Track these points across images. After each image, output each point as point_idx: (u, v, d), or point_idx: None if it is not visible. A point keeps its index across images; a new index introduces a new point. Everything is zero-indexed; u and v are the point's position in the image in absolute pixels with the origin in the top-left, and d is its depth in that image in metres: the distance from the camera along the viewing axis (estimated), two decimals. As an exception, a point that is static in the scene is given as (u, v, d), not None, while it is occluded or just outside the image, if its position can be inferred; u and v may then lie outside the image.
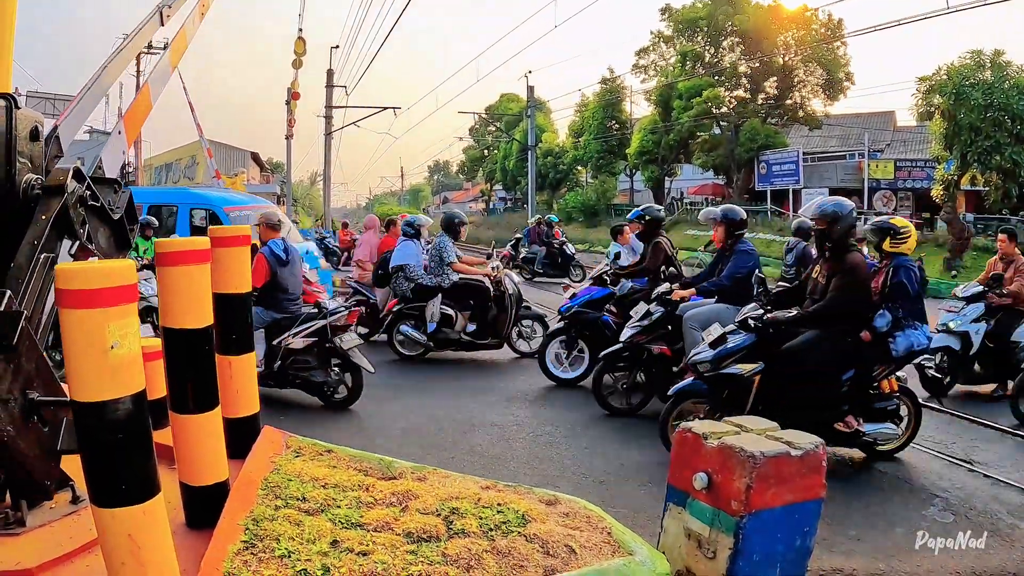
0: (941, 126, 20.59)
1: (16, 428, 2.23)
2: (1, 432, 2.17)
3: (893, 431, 5.02)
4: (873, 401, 5.00)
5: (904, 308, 4.92)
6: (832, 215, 4.91)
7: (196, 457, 2.62)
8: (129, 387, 1.83)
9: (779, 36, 32.40)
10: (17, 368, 2.21)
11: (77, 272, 1.78)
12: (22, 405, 2.24)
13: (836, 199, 5.21)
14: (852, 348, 4.87)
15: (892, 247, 5.14)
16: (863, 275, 4.90)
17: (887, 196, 31.82)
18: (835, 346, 4.83)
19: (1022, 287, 7.02)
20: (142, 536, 1.87)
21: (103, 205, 2.79)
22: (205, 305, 2.59)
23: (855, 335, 4.87)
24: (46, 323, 2.60)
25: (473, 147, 56.83)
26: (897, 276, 4.97)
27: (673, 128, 33.85)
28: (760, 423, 3.21)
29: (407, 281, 8.32)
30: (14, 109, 2.53)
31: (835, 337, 4.84)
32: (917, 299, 5.06)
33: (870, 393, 5.00)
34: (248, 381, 3.18)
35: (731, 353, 4.94)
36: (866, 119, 35.56)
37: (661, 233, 7.28)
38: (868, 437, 4.99)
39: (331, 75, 25.87)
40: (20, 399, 2.24)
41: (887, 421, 5.02)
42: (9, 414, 2.20)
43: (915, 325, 4.92)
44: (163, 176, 37.66)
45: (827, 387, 4.87)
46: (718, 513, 2.85)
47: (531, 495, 3.04)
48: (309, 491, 2.83)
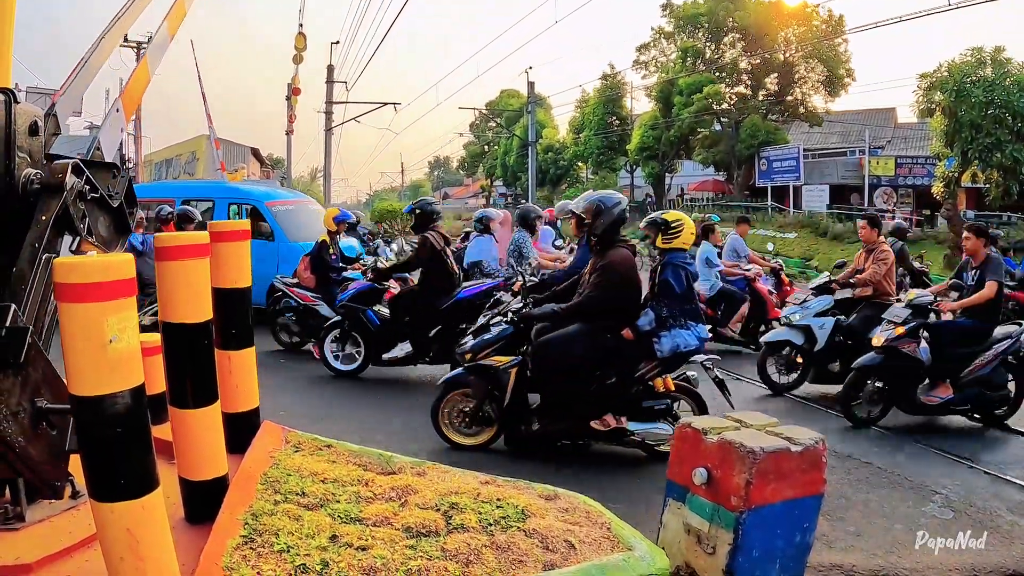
0: (942, 123, 20.58)
1: (27, 437, 2.24)
2: (14, 443, 2.18)
3: (665, 431, 4.79)
4: (642, 400, 4.84)
5: (671, 307, 4.70)
6: (595, 208, 4.81)
7: (195, 452, 2.62)
8: (128, 381, 1.82)
9: (780, 32, 32.41)
10: (25, 380, 2.22)
11: (75, 266, 1.77)
12: (31, 414, 2.25)
13: (605, 192, 5.10)
14: (612, 345, 4.71)
15: (664, 243, 4.88)
16: (621, 271, 4.72)
17: (888, 193, 31.82)
18: (594, 342, 4.69)
19: (874, 274, 6.66)
20: (141, 531, 1.87)
21: (102, 195, 2.78)
22: (204, 300, 2.58)
23: (616, 332, 4.72)
24: (49, 324, 2.60)
25: (473, 143, 56.72)
26: (664, 274, 4.76)
27: (674, 124, 33.80)
28: (760, 418, 3.21)
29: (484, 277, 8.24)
30: (13, 104, 2.52)
31: (594, 333, 4.71)
32: (686, 298, 4.77)
33: (637, 392, 4.83)
34: (247, 376, 3.18)
35: (488, 344, 4.93)
36: (867, 115, 35.54)
37: (433, 227, 7.06)
38: (636, 436, 4.82)
39: (331, 71, 25.82)
40: (29, 408, 2.24)
41: (658, 421, 4.84)
42: (20, 425, 2.21)
43: (687, 325, 4.72)
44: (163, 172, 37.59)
45: (582, 383, 4.73)
46: (718, 509, 2.85)
47: (530, 490, 3.04)
48: (308, 486, 2.83)
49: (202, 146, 32.88)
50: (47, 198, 2.49)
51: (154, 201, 10.20)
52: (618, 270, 4.72)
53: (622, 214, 4.86)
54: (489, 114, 48.12)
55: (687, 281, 4.77)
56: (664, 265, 4.81)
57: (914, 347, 5.80)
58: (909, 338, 5.81)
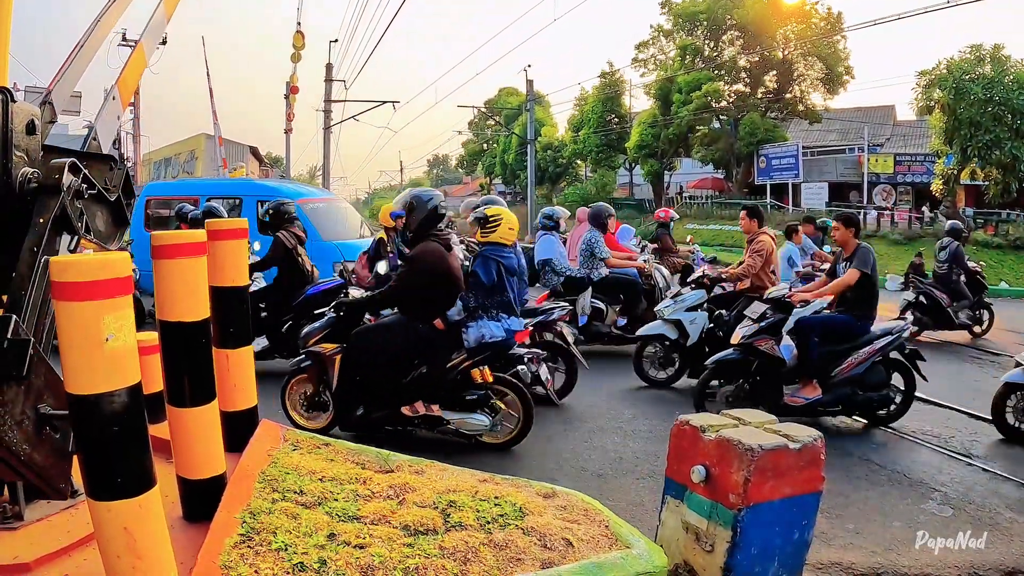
0: (941, 120, 20.60)
1: (31, 444, 2.24)
2: (19, 451, 2.18)
3: (481, 421, 4.89)
4: (459, 390, 4.94)
5: (479, 298, 4.93)
6: (409, 205, 4.97)
7: (193, 450, 2.62)
8: (125, 380, 1.82)
9: (779, 30, 32.39)
10: (28, 388, 2.22)
11: (72, 265, 1.77)
12: (35, 421, 2.25)
13: (421, 189, 5.27)
14: (426, 335, 4.87)
15: (482, 237, 5.14)
16: (427, 264, 4.84)
17: (887, 190, 31.84)
18: (407, 331, 4.87)
19: (747, 268, 6.47)
20: (138, 529, 1.87)
21: (99, 191, 2.77)
22: (201, 298, 2.58)
23: (428, 323, 4.88)
24: (50, 327, 2.60)
25: (472, 141, 56.73)
26: (475, 265, 5.00)
27: (672, 122, 33.80)
28: (759, 416, 3.21)
29: (555, 275, 8.17)
30: (10, 103, 2.51)
31: (408, 323, 4.91)
32: (495, 289, 4.97)
33: (454, 381, 4.93)
34: (245, 374, 3.18)
35: (317, 331, 5.17)
36: (866, 113, 35.56)
37: (285, 227, 7.16)
38: (451, 425, 4.93)
39: (330, 69, 25.75)
40: (32, 415, 2.24)
41: (475, 411, 4.92)
42: (24, 433, 2.21)
43: (498, 317, 4.90)
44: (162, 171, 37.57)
45: (391, 370, 4.91)
46: (716, 506, 2.85)
47: (528, 488, 3.04)
48: (306, 484, 2.83)
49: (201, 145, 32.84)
50: (45, 198, 2.49)
51: (181, 199, 10.04)
52: (423, 263, 4.84)
53: (435, 210, 4.98)
54: (488, 112, 48.07)
55: (498, 274, 4.99)
56: (475, 257, 5.07)
57: (771, 344, 5.60)
58: (768, 335, 5.62)
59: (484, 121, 51.88)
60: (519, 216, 11.02)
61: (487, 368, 4.91)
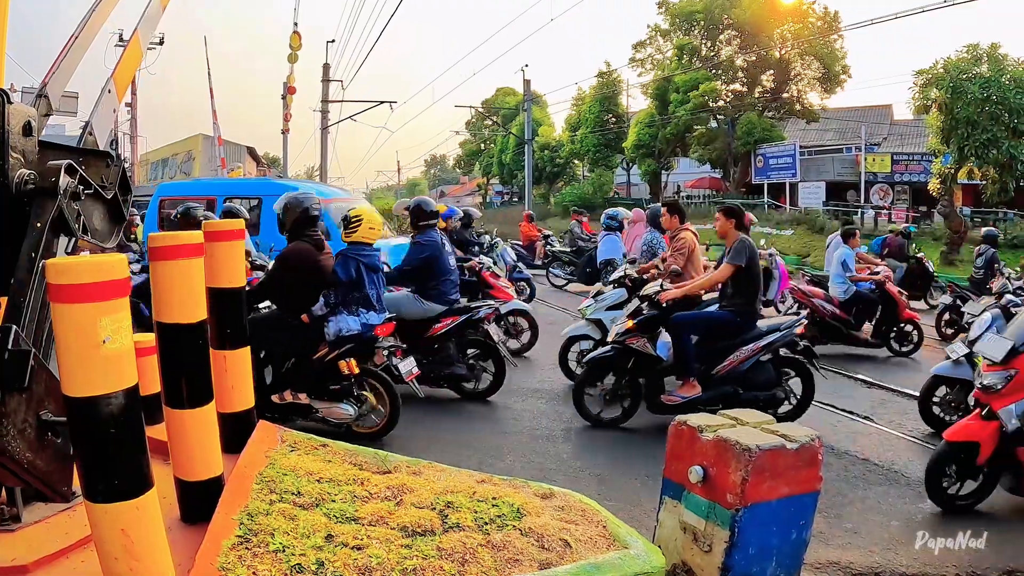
0: (938, 120, 20.58)
1: (34, 451, 2.24)
2: (22, 459, 2.18)
3: (347, 410, 5.10)
4: (327, 381, 5.14)
5: (338, 294, 5.20)
6: (284, 206, 5.18)
7: (190, 452, 2.61)
8: (121, 382, 1.82)
9: (776, 29, 32.37)
10: (29, 397, 2.22)
11: (68, 267, 1.76)
12: (36, 428, 2.25)
13: (300, 192, 5.43)
14: (292, 327, 5.18)
15: (345, 237, 5.41)
16: (290, 262, 5.11)
17: (884, 190, 31.86)
18: (279, 324, 5.19)
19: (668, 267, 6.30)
20: (135, 531, 1.86)
21: (96, 190, 2.76)
22: (198, 300, 2.58)
23: (297, 317, 5.18)
24: (49, 332, 2.59)
25: (470, 141, 56.68)
26: (335, 264, 5.25)
27: (670, 121, 33.81)
28: (756, 416, 3.22)
29: None
30: (7, 104, 2.51)
31: (279, 316, 5.26)
32: (354, 286, 5.21)
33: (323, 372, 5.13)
34: (243, 376, 3.18)
35: None
36: (863, 112, 35.58)
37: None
38: (319, 413, 5.12)
39: (327, 69, 25.74)
40: (34, 423, 2.24)
41: (342, 401, 5.13)
42: (26, 440, 2.21)
43: (357, 312, 5.17)
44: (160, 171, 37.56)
45: (265, 361, 5.19)
46: (714, 506, 2.85)
47: (526, 489, 3.04)
48: (304, 485, 2.83)
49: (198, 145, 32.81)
50: (41, 201, 2.48)
51: (198, 199, 9.81)
52: (287, 261, 5.13)
53: (306, 212, 5.19)
54: (485, 112, 48.05)
55: (357, 271, 5.24)
56: (336, 255, 5.31)
57: (644, 342, 5.55)
58: (642, 332, 5.56)
59: (481, 121, 51.85)
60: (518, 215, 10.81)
61: (352, 360, 5.07)
